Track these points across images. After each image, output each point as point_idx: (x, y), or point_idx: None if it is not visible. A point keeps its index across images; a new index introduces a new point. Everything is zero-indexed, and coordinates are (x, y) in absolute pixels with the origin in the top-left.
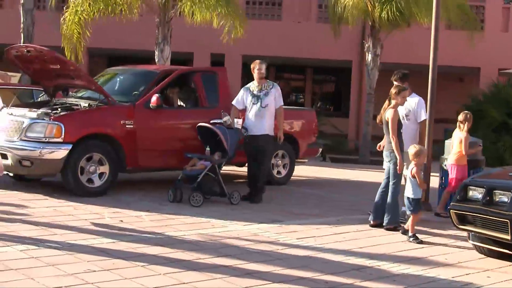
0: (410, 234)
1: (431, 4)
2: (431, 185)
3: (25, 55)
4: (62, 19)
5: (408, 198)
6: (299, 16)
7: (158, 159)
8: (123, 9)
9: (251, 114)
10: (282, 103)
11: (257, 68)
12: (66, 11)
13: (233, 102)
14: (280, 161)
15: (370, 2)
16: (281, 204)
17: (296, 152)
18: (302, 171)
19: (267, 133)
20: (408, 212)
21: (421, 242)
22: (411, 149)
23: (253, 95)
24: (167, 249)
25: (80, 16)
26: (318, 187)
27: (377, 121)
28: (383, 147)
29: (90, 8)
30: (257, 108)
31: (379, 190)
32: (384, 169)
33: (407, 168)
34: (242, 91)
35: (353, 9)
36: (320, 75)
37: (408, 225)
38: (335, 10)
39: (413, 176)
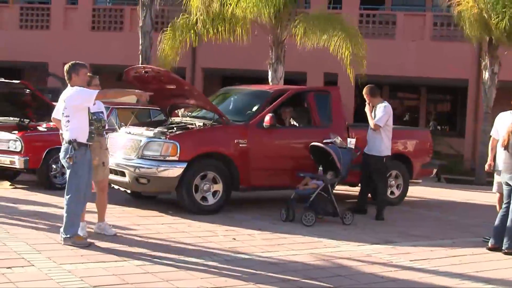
0: None
1: None
2: None
3: (143, 76)
4: (158, 41)
5: None
6: (413, 34)
7: (270, 178)
8: (236, 31)
9: (367, 135)
10: (380, 123)
11: (364, 95)
12: (164, 34)
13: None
14: (393, 182)
15: (488, 14)
16: (395, 225)
17: (410, 173)
18: (416, 191)
19: (378, 154)
20: None
21: None
22: None
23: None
24: (278, 268)
25: (176, 41)
26: (432, 208)
27: (501, 144)
28: (493, 166)
29: (195, 31)
30: (369, 128)
31: (499, 214)
32: (495, 192)
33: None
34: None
35: (472, 23)
36: (435, 94)
37: None
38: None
39: None
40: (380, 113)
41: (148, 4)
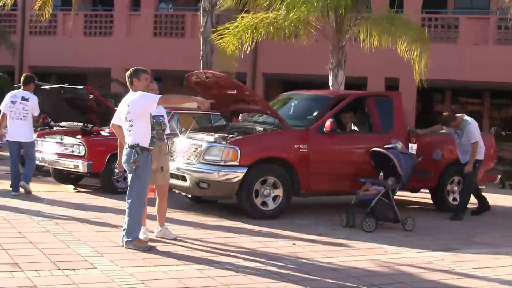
0: None
1: None
2: None
3: (204, 81)
4: (216, 45)
5: None
6: (476, 38)
7: (331, 183)
8: (294, 35)
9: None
10: (476, 138)
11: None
12: (220, 37)
13: None
14: (456, 188)
15: None
16: (457, 231)
17: None
18: None
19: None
20: None
21: None
22: None
23: (455, 131)
24: (339, 274)
25: (234, 46)
26: (496, 215)
27: None
28: None
29: (250, 35)
30: (458, 143)
31: None
32: None
33: None
34: None
35: None
36: (499, 98)
37: None
38: None
39: None
40: (471, 130)
41: (209, 9)
